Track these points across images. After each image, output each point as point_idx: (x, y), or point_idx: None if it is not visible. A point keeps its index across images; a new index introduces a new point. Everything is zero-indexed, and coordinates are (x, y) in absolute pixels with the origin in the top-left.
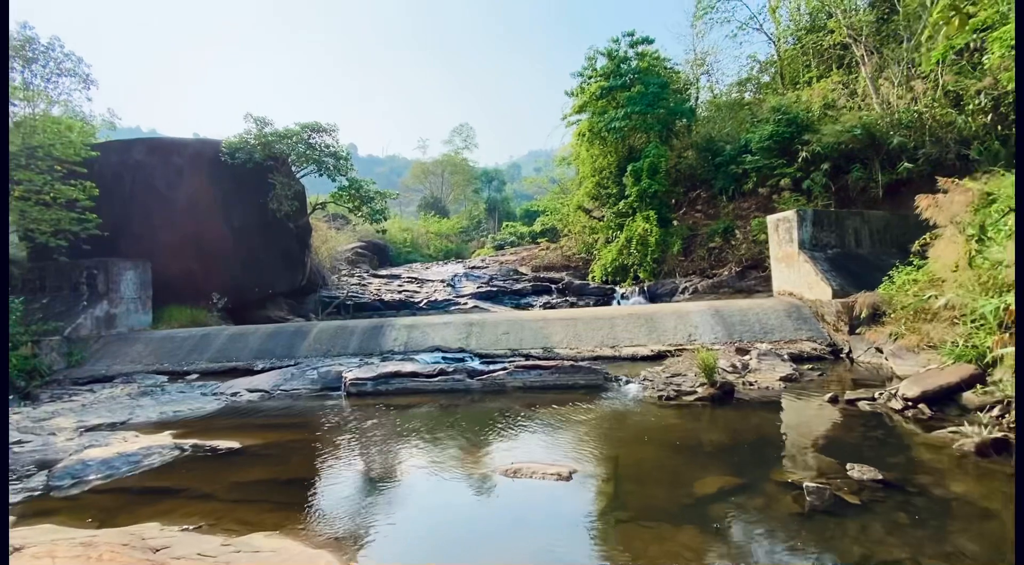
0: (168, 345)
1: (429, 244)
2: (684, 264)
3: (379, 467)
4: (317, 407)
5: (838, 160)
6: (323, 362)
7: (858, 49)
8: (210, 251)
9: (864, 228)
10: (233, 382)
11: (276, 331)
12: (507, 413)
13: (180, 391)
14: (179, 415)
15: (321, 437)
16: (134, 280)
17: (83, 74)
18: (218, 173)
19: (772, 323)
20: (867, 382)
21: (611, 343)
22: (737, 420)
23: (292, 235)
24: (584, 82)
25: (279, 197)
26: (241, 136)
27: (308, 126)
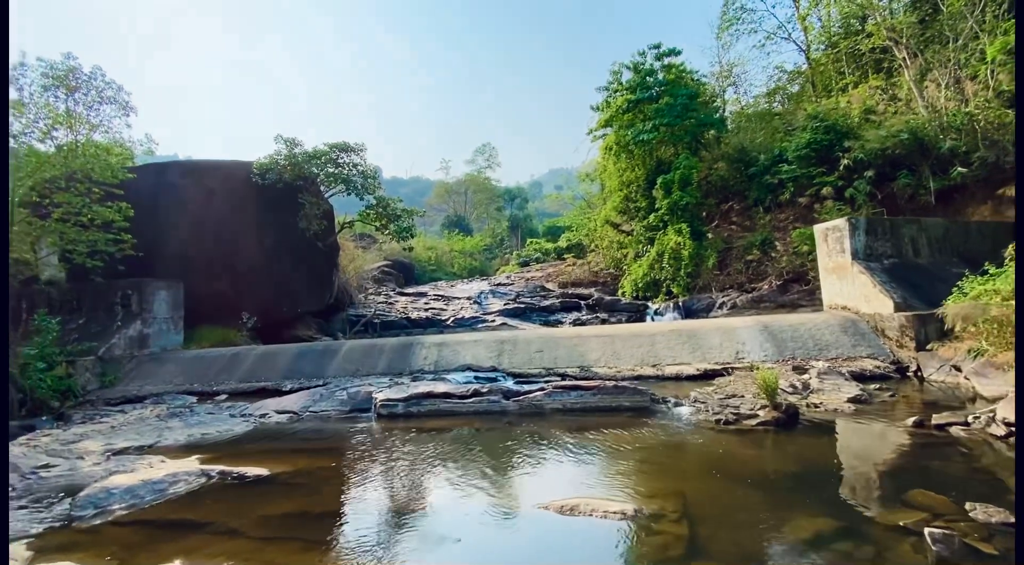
0: (198, 365)
1: (453, 262)
2: (720, 278)
3: (417, 500)
4: (347, 430)
5: (882, 167)
6: (352, 382)
7: (900, 52)
8: (241, 271)
9: (921, 236)
10: (262, 403)
11: (305, 350)
12: (549, 438)
13: (209, 412)
14: (207, 438)
15: (352, 465)
16: (167, 300)
17: (123, 101)
18: (249, 194)
19: (827, 339)
20: (946, 404)
21: (652, 361)
22: (811, 448)
23: (321, 254)
24: (610, 96)
25: (308, 216)
26: (271, 157)
27: (337, 146)
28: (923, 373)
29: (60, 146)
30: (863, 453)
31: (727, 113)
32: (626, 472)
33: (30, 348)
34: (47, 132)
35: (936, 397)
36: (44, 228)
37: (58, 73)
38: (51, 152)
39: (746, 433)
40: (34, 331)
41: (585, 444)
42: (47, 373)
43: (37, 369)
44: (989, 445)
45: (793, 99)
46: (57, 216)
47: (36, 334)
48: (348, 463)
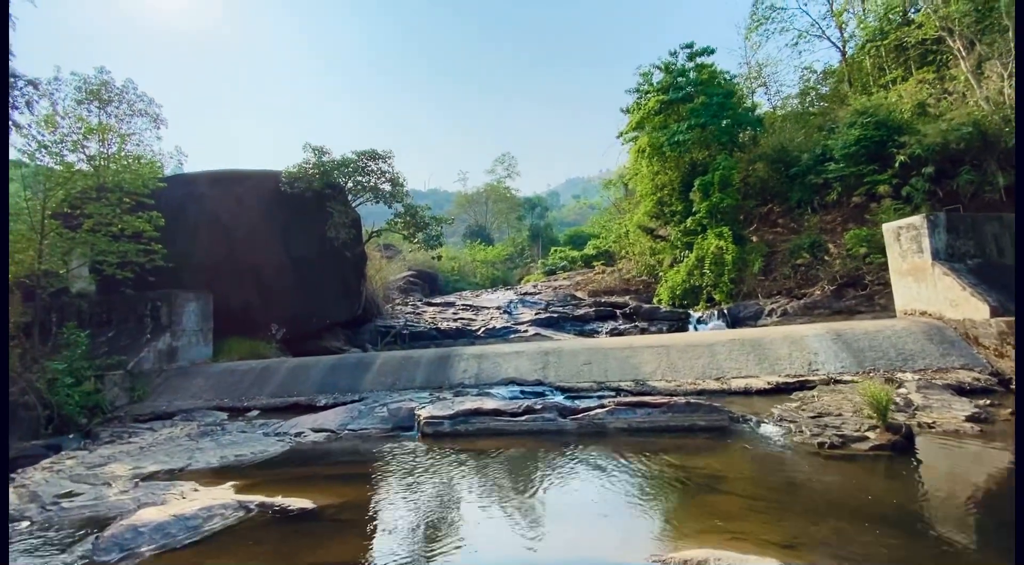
0: (228, 379)
1: (476, 272)
2: (765, 284)
3: (493, 545)
4: (390, 451)
5: (941, 163)
6: (390, 397)
7: (954, 42)
8: (269, 281)
9: (1005, 235)
10: (296, 420)
11: (338, 363)
12: (623, 465)
13: (241, 431)
14: (241, 459)
15: (404, 495)
16: (196, 312)
17: (154, 114)
18: (277, 203)
19: (911, 348)
20: None
21: (715, 374)
22: (955, 481)
23: (349, 264)
24: (640, 98)
25: (336, 225)
26: (300, 165)
27: (365, 153)
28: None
29: (91, 156)
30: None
31: (758, 114)
32: (738, 512)
33: (58, 362)
34: (78, 143)
35: None
36: (75, 239)
37: (91, 87)
38: (82, 164)
39: (860, 459)
40: (64, 345)
41: (669, 472)
42: (75, 388)
43: (65, 384)
44: None
45: (827, 99)
46: (88, 227)
47: (66, 348)
48: (399, 493)
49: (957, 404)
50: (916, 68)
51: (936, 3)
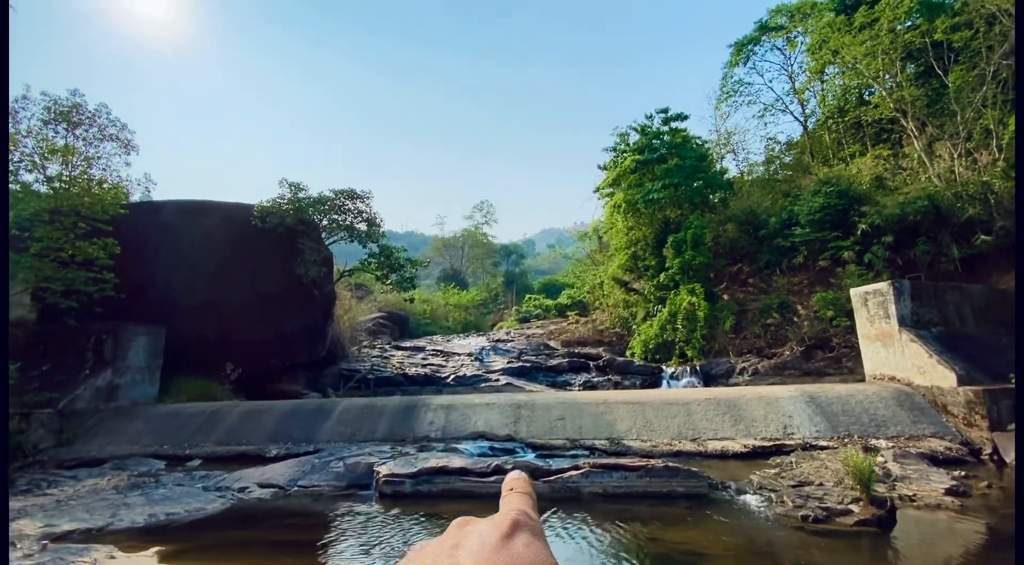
0: (172, 423)
1: (448, 316)
2: (736, 342)
3: None
4: (344, 514)
5: (900, 233)
6: (349, 449)
7: (907, 122)
8: (230, 317)
9: (965, 304)
10: (242, 473)
11: (294, 409)
12: (600, 537)
13: (178, 483)
14: (173, 518)
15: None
16: (145, 347)
17: (125, 140)
18: (247, 237)
19: (883, 414)
20: None
21: (691, 435)
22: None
23: (317, 303)
24: (617, 156)
25: (307, 263)
26: (275, 201)
27: (343, 192)
28: (1003, 457)
29: (51, 178)
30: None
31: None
32: None
33: None
34: (37, 164)
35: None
36: (19, 263)
37: (62, 108)
38: (38, 186)
39: (846, 536)
40: None
41: (649, 548)
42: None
43: None
44: None
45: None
46: (35, 250)
47: None
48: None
49: (935, 476)
50: (872, 144)
51: (890, 87)
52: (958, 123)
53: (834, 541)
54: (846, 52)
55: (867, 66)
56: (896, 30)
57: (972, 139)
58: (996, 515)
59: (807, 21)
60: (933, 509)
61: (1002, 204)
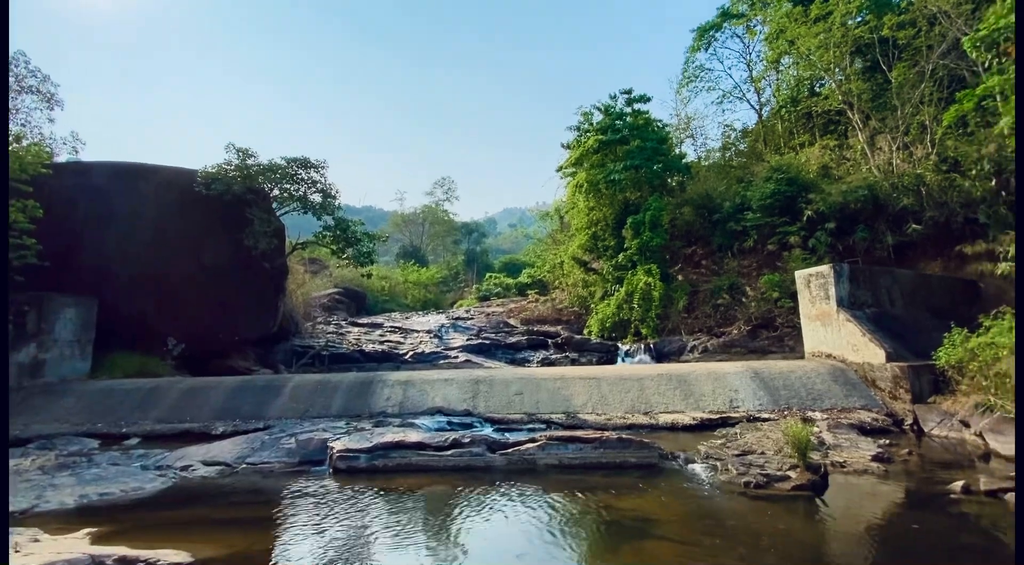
0: (106, 400)
1: (407, 294)
2: (688, 321)
3: None
4: (296, 491)
5: (841, 220)
6: (301, 426)
7: (853, 115)
8: (172, 290)
9: (895, 287)
10: (185, 451)
11: (242, 385)
12: (556, 507)
13: (113, 463)
14: (107, 498)
15: (306, 545)
16: (74, 320)
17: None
18: (190, 205)
19: (819, 388)
20: (960, 463)
21: (644, 408)
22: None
23: (267, 276)
24: (580, 135)
25: (257, 234)
26: (220, 166)
27: (295, 161)
28: (922, 427)
29: None
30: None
31: (685, 163)
32: (671, 559)
33: None
34: None
35: (946, 455)
36: None
37: None
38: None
39: (784, 500)
40: None
41: (602, 515)
42: None
43: None
44: None
45: (744, 155)
46: None
47: None
48: (301, 544)
49: (863, 444)
50: (820, 135)
51: (840, 79)
52: (898, 118)
53: (773, 505)
54: (801, 43)
55: (820, 58)
56: (847, 24)
57: (909, 133)
58: (914, 479)
59: (766, 10)
60: (861, 474)
61: (932, 196)
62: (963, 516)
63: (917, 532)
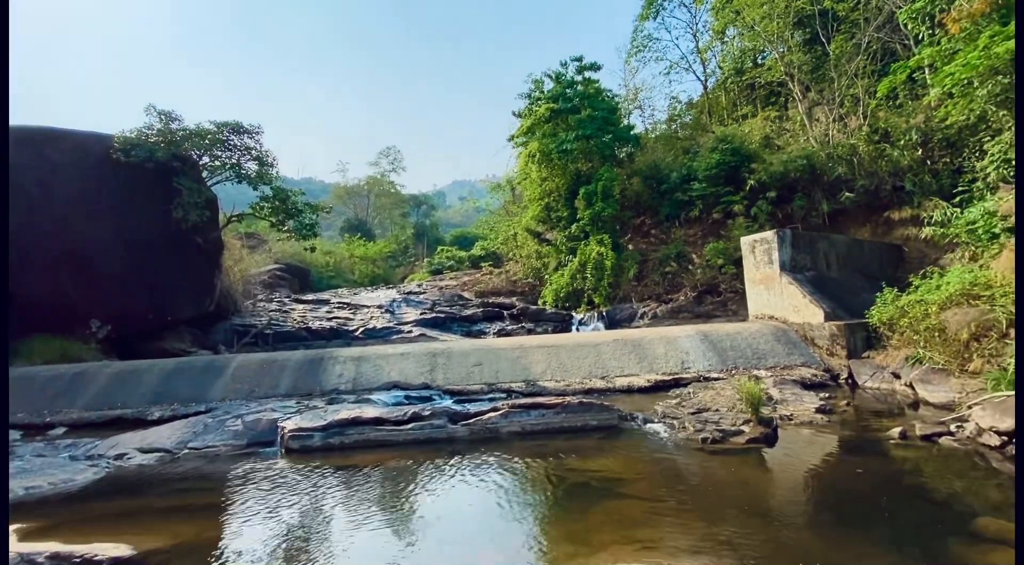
0: (25, 388)
1: (354, 269)
2: (638, 289)
3: None
4: (246, 473)
5: (782, 189)
6: (247, 407)
7: (794, 86)
8: (92, 268)
9: (831, 252)
10: (118, 439)
11: (179, 367)
12: (520, 473)
13: (38, 454)
14: (34, 492)
15: (258, 531)
16: None
17: None
18: (108, 173)
19: (763, 348)
20: (891, 411)
21: (601, 373)
22: (820, 468)
23: (201, 251)
24: (532, 104)
25: (186, 205)
26: (140, 130)
27: (226, 126)
28: (857, 380)
29: None
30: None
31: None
32: (642, 517)
33: None
34: None
35: (879, 405)
36: None
37: None
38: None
39: (739, 453)
40: None
41: (567, 478)
42: None
43: None
44: (982, 457)
45: (690, 127)
46: None
47: None
48: (252, 529)
49: (807, 398)
50: (762, 106)
51: (782, 51)
52: (835, 89)
53: (730, 458)
54: (746, 13)
55: (764, 28)
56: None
57: (844, 105)
58: (854, 427)
59: None
60: (807, 425)
61: (863, 165)
62: (902, 459)
63: (862, 475)
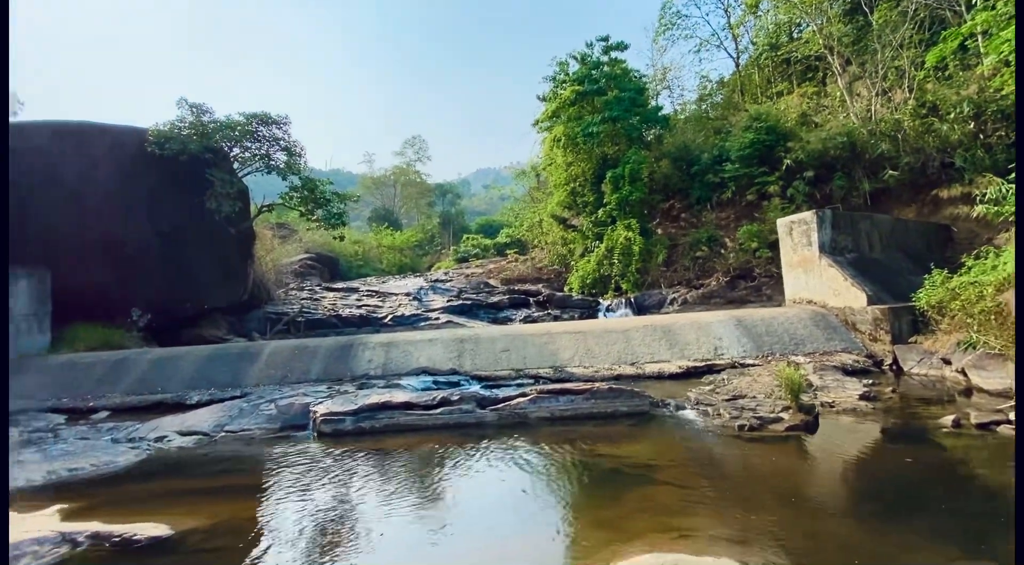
0: (70, 374)
1: (382, 258)
2: (667, 274)
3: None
4: (280, 456)
5: (819, 168)
6: (280, 392)
7: (833, 60)
8: (131, 258)
9: (874, 232)
10: (159, 422)
11: (216, 353)
12: (552, 457)
13: (82, 437)
14: (78, 474)
15: (293, 512)
16: (27, 293)
17: None
18: (143, 166)
19: (801, 334)
20: (940, 399)
21: (630, 360)
22: (870, 458)
23: (233, 241)
24: (557, 86)
25: (218, 196)
26: (173, 124)
27: (255, 117)
28: (902, 366)
29: None
30: (929, 461)
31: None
32: (678, 505)
33: None
34: None
35: (927, 392)
36: None
37: None
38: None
39: (779, 441)
40: None
41: (598, 464)
42: None
43: None
44: None
45: (721, 107)
46: None
47: None
48: (288, 511)
49: (850, 384)
50: (799, 82)
51: (820, 23)
52: (878, 62)
53: (768, 446)
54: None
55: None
56: None
57: (888, 79)
58: (902, 415)
59: None
60: (850, 412)
61: (908, 141)
62: (955, 448)
63: (911, 465)
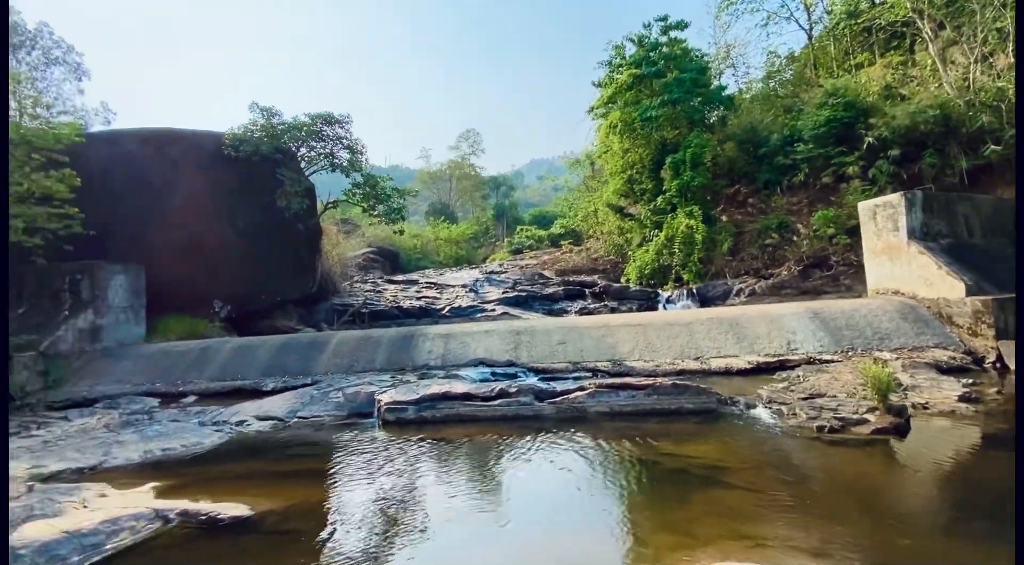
0: (162, 361)
1: (439, 251)
2: (733, 264)
3: None
4: (347, 442)
5: (906, 146)
6: (347, 380)
7: (924, 25)
8: (212, 254)
9: (974, 215)
10: (239, 407)
11: (288, 343)
12: (613, 454)
13: (173, 419)
14: (169, 454)
15: (363, 497)
16: (124, 287)
17: (74, 63)
18: (220, 168)
19: (886, 327)
20: None
21: (694, 354)
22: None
23: (302, 237)
24: (613, 71)
25: (288, 194)
26: (246, 127)
27: (319, 117)
28: (1008, 364)
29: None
30: None
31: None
32: (751, 511)
33: None
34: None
35: None
36: None
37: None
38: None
39: (863, 445)
40: None
41: (662, 463)
42: None
43: None
44: None
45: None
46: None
47: None
48: (357, 495)
49: (946, 384)
50: (882, 52)
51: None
52: (976, 24)
53: (852, 450)
54: None
55: None
56: None
57: (988, 43)
58: (1007, 419)
59: None
60: (946, 415)
61: (1013, 112)
62: None
63: None
